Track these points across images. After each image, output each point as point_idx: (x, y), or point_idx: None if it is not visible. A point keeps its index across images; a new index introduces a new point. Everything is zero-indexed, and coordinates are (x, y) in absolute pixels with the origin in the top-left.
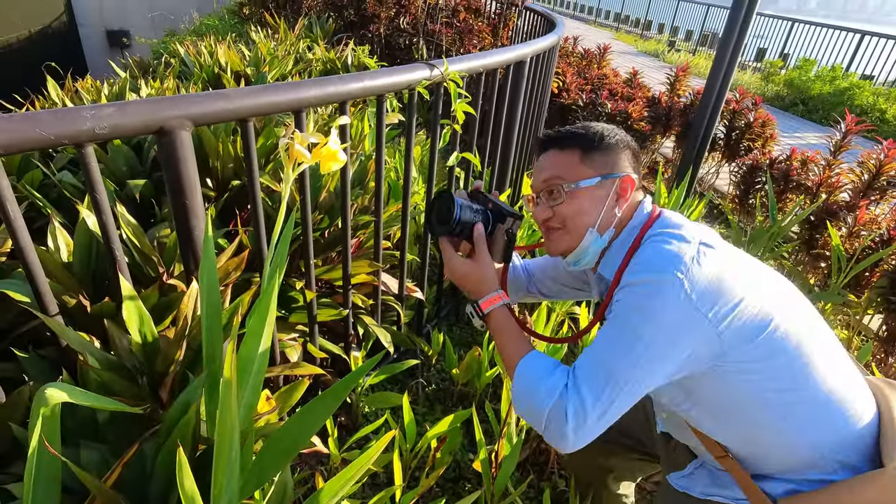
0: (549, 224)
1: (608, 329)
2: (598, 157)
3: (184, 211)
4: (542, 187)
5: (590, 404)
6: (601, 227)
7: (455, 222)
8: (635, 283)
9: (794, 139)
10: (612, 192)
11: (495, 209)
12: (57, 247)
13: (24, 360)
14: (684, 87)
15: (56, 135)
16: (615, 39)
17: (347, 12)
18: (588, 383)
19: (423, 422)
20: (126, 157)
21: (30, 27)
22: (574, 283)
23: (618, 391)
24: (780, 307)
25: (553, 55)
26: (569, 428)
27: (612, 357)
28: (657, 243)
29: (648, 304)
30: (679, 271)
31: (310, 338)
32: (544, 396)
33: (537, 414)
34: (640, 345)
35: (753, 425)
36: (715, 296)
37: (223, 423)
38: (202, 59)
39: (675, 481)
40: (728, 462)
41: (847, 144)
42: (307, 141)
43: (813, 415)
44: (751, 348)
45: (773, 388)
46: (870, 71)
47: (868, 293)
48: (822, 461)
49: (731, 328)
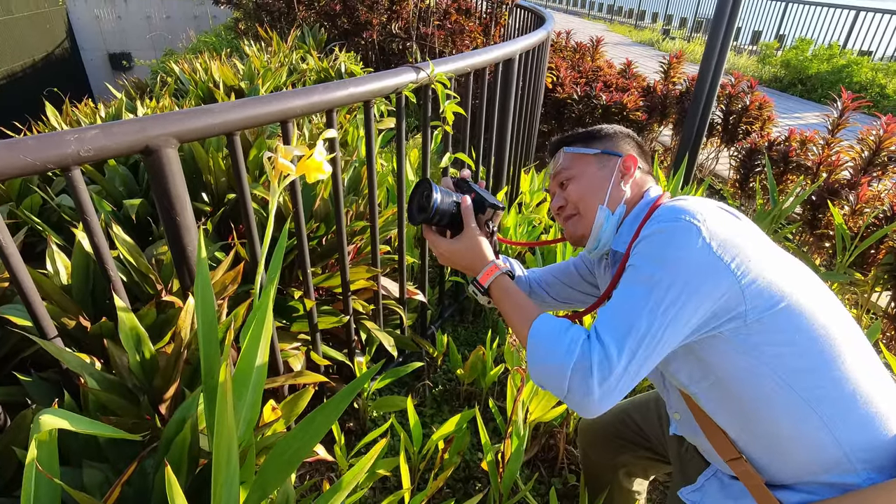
0: (565, 213)
1: (626, 282)
2: (599, 142)
3: (175, 227)
4: (554, 183)
5: (614, 354)
6: (611, 203)
7: (433, 210)
8: (650, 234)
9: (793, 120)
10: (615, 171)
11: (477, 198)
12: (56, 270)
13: (27, 383)
14: (679, 75)
15: (41, 160)
16: (609, 31)
17: (341, 21)
18: (610, 334)
19: (430, 423)
20: (122, 178)
21: (33, 55)
22: (585, 287)
23: (640, 342)
24: (804, 284)
25: (544, 50)
26: (594, 382)
27: (632, 307)
28: (668, 204)
29: (665, 250)
30: (695, 219)
31: (312, 346)
32: (564, 353)
33: (558, 373)
34: (659, 291)
35: (773, 414)
36: (736, 249)
37: (220, 437)
38: (197, 76)
39: (687, 496)
40: (741, 466)
41: (845, 122)
42: (291, 154)
43: (838, 405)
44: (772, 316)
45: (795, 367)
46: (867, 47)
47: (874, 270)
48: (846, 461)
49: (753, 286)
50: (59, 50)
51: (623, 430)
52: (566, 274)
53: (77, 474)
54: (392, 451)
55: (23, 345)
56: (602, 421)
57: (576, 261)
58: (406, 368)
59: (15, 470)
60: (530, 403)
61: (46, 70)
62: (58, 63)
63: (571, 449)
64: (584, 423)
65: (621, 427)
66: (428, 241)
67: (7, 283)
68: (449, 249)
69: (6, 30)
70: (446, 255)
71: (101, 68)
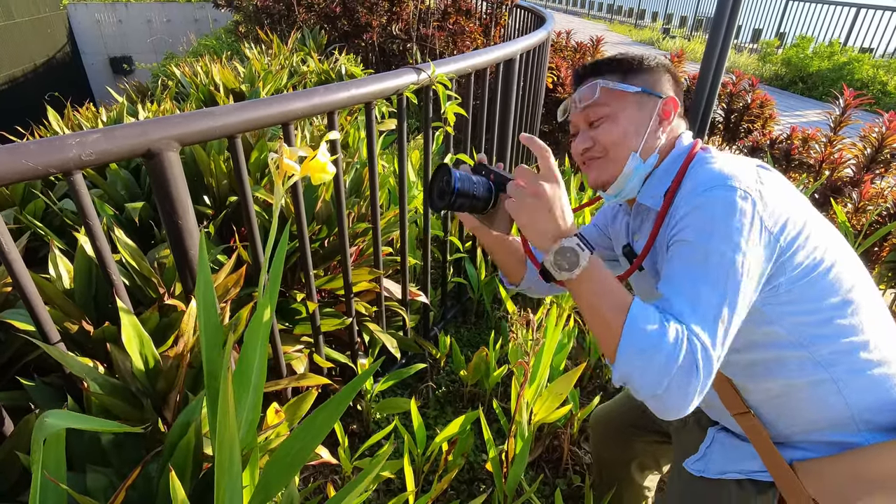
0: (591, 154)
1: (692, 261)
2: (639, 77)
3: (177, 230)
4: (581, 118)
5: (710, 345)
6: (644, 152)
7: (454, 194)
8: (703, 204)
9: (794, 118)
10: (654, 114)
11: (497, 178)
12: (58, 274)
13: (30, 388)
14: (680, 74)
15: (42, 164)
16: (609, 31)
17: (341, 23)
18: (700, 323)
19: (434, 425)
20: (124, 182)
21: (34, 59)
22: (601, 252)
23: (728, 328)
24: (837, 248)
25: (545, 50)
26: (696, 380)
27: (711, 292)
28: (712, 165)
29: (727, 223)
30: (748, 187)
31: (315, 348)
32: (670, 350)
33: (661, 371)
34: (733, 268)
35: (787, 375)
36: (783, 217)
37: (222, 441)
38: (198, 80)
39: (691, 466)
40: (749, 420)
41: (847, 119)
42: (296, 154)
43: (853, 369)
44: (803, 286)
45: (815, 333)
46: (868, 44)
47: (878, 268)
48: (850, 421)
49: (794, 258)
50: (61, 54)
51: (633, 416)
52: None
53: (81, 479)
54: (396, 454)
55: (26, 349)
56: (609, 411)
57: (587, 228)
58: (409, 370)
59: (19, 474)
60: (534, 404)
61: (48, 74)
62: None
63: (576, 450)
64: (596, 417)
65: (630, 412)
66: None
67: (10, 288)
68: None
69: (7, 34)
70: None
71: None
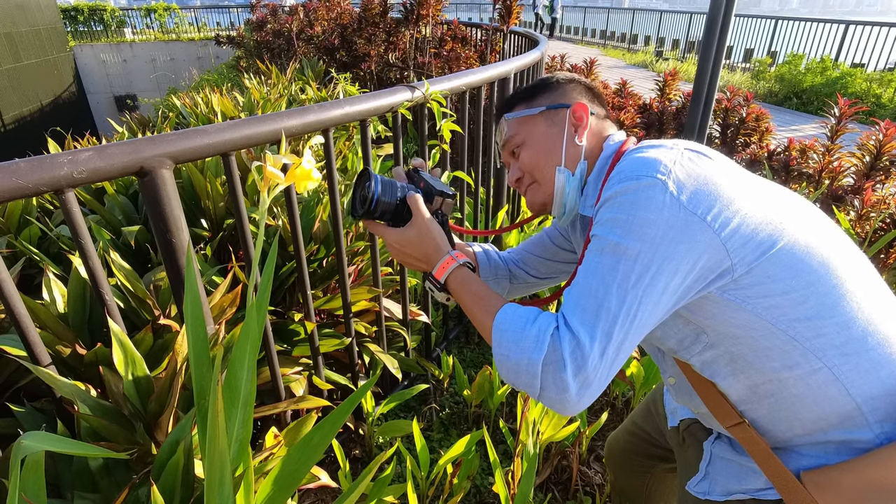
0: (522, 183)
1: (590, 255)
2: (542, 97)
3: (171, 249)
4: (506, 154)
5: (586, 341)
6: (569, 162)
7: (373, 203)
8: (611, 196)
9: (791, 132)
10: (566, 124)
11: (425, 188)
12: (52, 298)
13: (20, 414)
14: (674, 92)
15: (34, 182)
16: (603, 55)
17: (339, 54)
18: (578, 317)
19: (438, 448)
20: (121, 207)
21: (41, 99)
22: (565, 256)
23: (614, 323)
24: (795, 218)
25: (539, 70)
26: (568, 375)
27: (599, 284)
28: (634, 156)
29: (628, 213)
30: (659, 173)
31: (314, 370)
32: (532, 346)
33: (528, 369)
34: (627, 261)
35: (775, 370)
36: (711, 197)
37: (212, 459)
38: (198, 110)
39: (694, 488)
40: (743, 432)
41: (843, 128)
42: (280, 162)
43: (847, 352)
44: (763, 265)
45: (795, 316)
46: (859, 59)
47: (885, 274)
48: (858, 413)
49: (736, 236)
50: (66, 94)
51: (639, 445)
52: (541, 247)
53: None
54: (399, 478)
55: (18, 376)
56: (618, 440)
57: (549, 230)
58: (411, 391)
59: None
60: (540, 423)
61: (53, 114)
62: (65, 106)
63: (585, 470)
64: (609, 446)
65: (636, 441)
66: (376, 234)
67: (3, 315)
68: (399, 239)
69: (15, 76)
70: (397, 246)
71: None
